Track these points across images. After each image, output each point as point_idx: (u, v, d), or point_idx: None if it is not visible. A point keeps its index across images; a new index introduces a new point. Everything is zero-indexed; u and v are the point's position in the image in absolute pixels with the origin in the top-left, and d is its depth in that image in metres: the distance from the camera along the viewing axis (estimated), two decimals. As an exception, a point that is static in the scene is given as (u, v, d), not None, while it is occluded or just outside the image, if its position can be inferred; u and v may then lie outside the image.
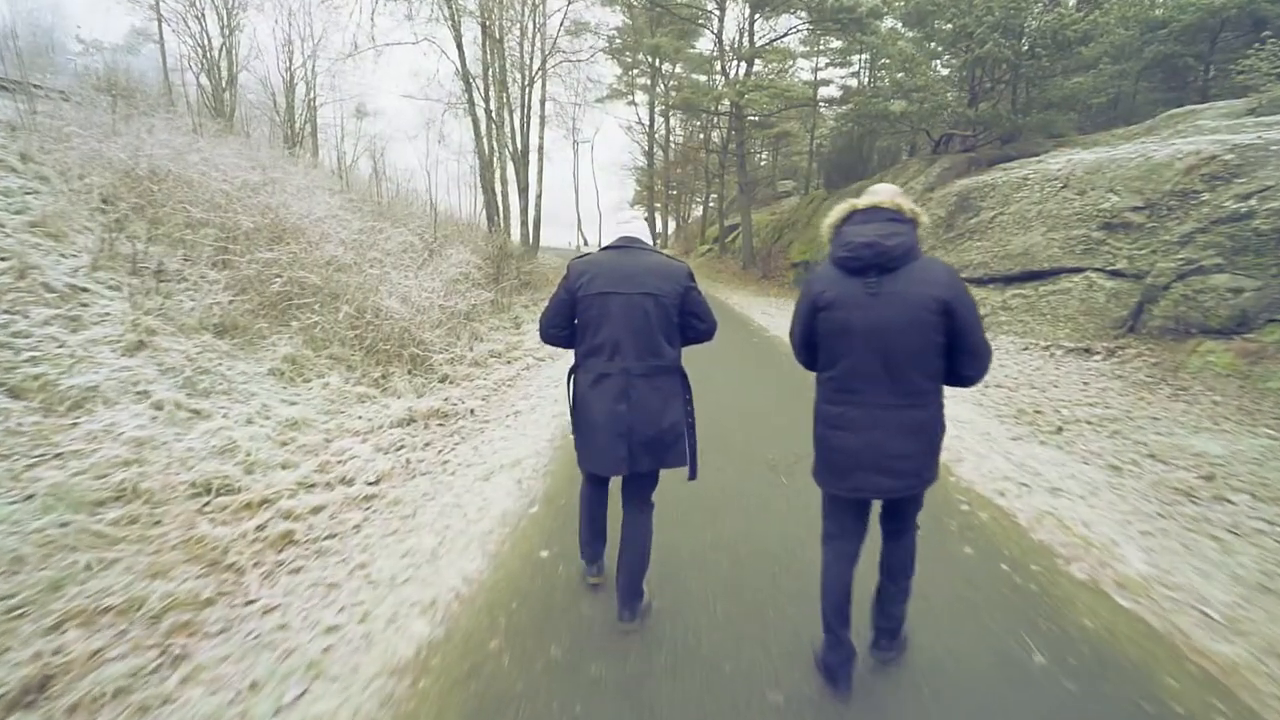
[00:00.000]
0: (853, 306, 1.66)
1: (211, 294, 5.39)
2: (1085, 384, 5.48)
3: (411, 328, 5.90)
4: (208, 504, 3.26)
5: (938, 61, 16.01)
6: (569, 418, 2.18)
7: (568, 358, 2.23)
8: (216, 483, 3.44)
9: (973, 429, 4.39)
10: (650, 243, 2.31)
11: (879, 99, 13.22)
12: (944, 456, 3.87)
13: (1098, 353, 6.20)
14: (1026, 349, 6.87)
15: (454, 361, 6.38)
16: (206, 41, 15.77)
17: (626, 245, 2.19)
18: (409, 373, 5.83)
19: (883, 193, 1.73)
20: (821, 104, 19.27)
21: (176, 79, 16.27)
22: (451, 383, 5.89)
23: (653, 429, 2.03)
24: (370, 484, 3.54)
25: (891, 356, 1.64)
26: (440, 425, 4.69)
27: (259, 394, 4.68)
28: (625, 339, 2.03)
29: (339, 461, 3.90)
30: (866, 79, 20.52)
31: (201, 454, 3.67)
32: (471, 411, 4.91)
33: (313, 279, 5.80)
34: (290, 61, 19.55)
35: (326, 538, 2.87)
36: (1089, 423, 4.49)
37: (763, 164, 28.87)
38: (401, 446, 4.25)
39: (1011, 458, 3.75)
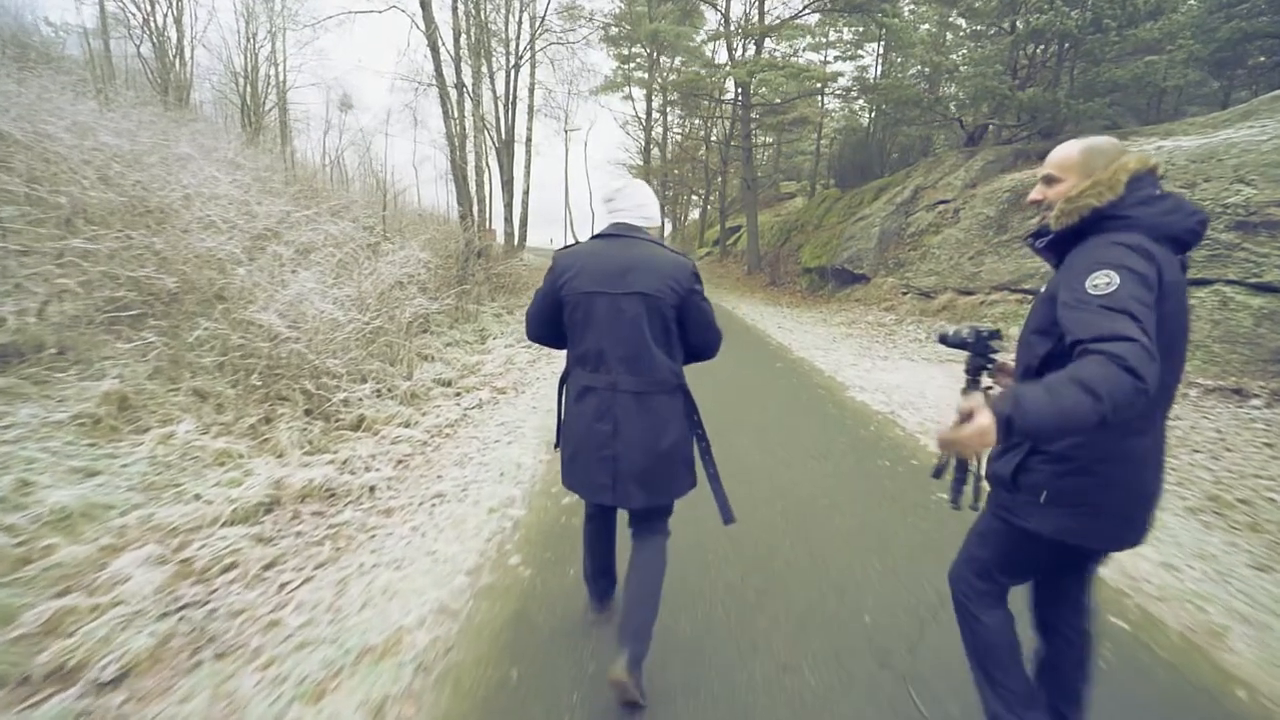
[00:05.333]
0: (1175, 295, 1.13)
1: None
2: (1269, 445, 3.85)
3: (310, 352, 4.18)
4: None
5: (955, 55, 14.42)
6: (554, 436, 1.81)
7: (536, 390, 1.16)
8: None
9: (1172, 539, 2.72)
10: (652, 222, 1.80)
11: (910, 83, 11.61)
12: (1172, 614, 2.14)
13: (1255, 395, 4.57)
14: (1144, 385, 5.22)
15: (380, 395, 4.67)
16: (149, 7, 13.97)
17: (618, 234, 1.75)
18: (306, 414, 4.12)
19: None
20: (840, 92, 17.64)
21: (143, 57, 14.53)
22: (368, 429, 4.19)
23: (645, 458, 1.65)
24: (105, 685, 1.83)
25: (1171, 356, 1.14)
26: (316, 515, 2.98)
27: (33, 460, 2.97)
28: (611, 348, 1.67)
29: (91, 610, 2.19)
30: (880, 71, 18.90)
31: None
32: (372, 490, 3.20)
33: (167, 281, 4.07)
34: (255, 38, 17.82)
35: None
36: (1338, 525, 2.84)
37: (763, 164, 27.31)
38: (229, 565, 2.54)
39: (1305, 627, 2.09)
